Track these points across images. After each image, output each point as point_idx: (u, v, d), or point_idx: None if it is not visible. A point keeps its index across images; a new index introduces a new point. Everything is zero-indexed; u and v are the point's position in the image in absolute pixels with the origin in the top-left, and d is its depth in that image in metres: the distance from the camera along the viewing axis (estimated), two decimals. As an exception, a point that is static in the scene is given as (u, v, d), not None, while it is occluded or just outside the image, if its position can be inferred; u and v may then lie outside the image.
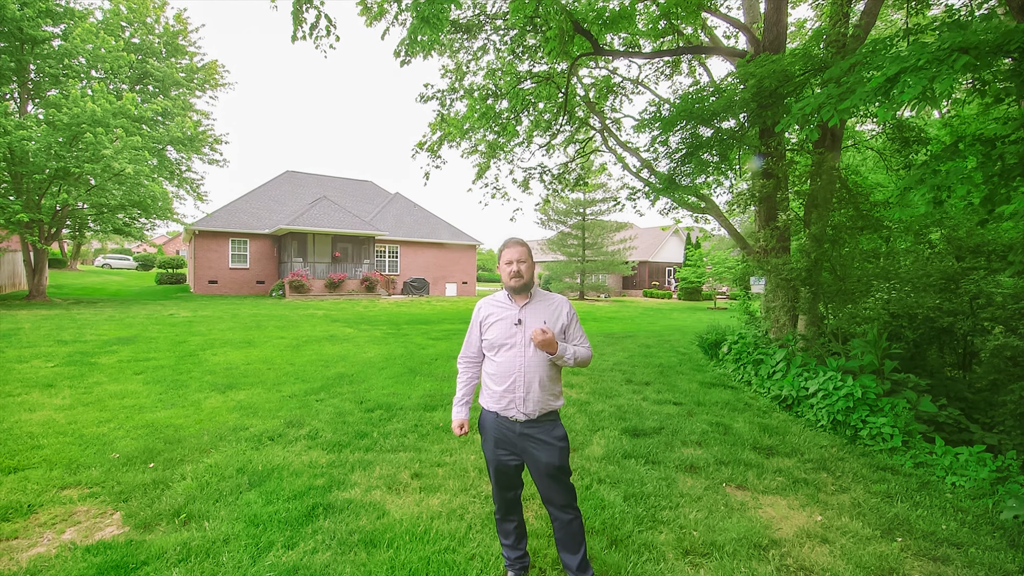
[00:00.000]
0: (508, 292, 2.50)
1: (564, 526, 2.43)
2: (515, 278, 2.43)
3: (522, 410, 2.37)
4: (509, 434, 2.41)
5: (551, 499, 2.42)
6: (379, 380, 7.14)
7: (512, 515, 2.54)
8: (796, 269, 5.88)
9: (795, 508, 3.44)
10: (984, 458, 4.17)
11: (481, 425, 2.54)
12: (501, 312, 2.48)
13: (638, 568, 2.62)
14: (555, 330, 2.42)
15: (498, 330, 2.44)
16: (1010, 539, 3.16)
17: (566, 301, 2.55)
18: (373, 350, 9.76)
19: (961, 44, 3.10)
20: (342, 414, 5.44)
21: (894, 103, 3.28)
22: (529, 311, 2.45)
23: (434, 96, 11.76)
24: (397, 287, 27.30)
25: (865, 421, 5.04)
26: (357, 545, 2.83)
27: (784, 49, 7.40)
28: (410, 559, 2.67)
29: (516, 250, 2.45)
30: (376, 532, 2.96)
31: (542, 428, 2.40)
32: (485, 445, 2.51)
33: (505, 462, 2.43)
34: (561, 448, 2.40)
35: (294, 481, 3.68)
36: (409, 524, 3.05)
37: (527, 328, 2.42)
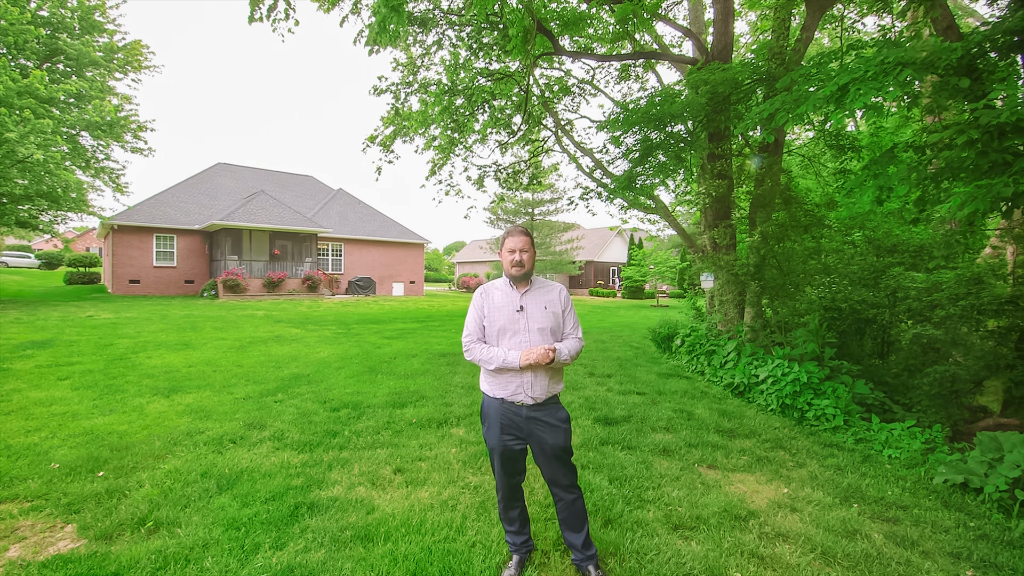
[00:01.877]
0: (509, 280, 2.53)
1: (568, 506, 2.48)
2: (516, 267, 2.46)
3: (530, 394, 2.40)
4: (516, 418, 2.43)
5: (557, 480, 2.47)
6: (338, 380, 6.90)
7: (516, 502, 2.56)
8: (746, 265, 6.30)
9: (763, 483, 3.70)
10: (914, 432, 4.68)
11: (484, 415, 2.54)
12: (502, 299, 2.50)
13: (635, 544, 2.72)
14: (552, 318, 2.46)
15: (501, 317, 2.46)
16: (943, 500, 3.57)
17: (563, 289, 2.61)
18: (326, 350, 9.39)
19: (903, 59, 3.46)
20: (306, 414, 5.21)
21: (846, 109, 3.62)
22: (530, 298, 2.49)
23: (388, 89, 11.49)
24: (341, 287, 26.36)
25: (810, 404, 5.49)
26: (352, 541, 2.74)
27: (730, 59, 7.91)
28: (411, 550, 2.62)
29: (519, 239, 2.48)
30: (369, 527, 2.88)
31: (547, 411, 2.44)
32: (488, 433, 2.51)
33: (511, 447, 2.45)
34: (566, 429, 2.45)
35: (268, 482, 3.49)
36: (402, 517, 2.99)
37: (529, 315, 2.46)
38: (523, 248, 2.47)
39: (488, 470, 3.76)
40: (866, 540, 2.89)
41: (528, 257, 2.48)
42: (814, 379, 5.61)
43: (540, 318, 2.45)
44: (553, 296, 2.52)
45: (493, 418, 2.48)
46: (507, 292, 2.52)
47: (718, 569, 2.53)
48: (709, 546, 2.74)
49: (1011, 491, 3.53)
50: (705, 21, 10.46)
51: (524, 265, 2.47)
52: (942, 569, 2.64)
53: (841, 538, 2.90)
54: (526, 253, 2.47)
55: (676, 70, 11.74)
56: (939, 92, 3.98)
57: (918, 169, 4.01)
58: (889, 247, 8.16)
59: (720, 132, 7.27)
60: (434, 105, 9.69)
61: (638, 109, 6.43)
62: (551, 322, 2.46)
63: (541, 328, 2.44)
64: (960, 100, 4.04)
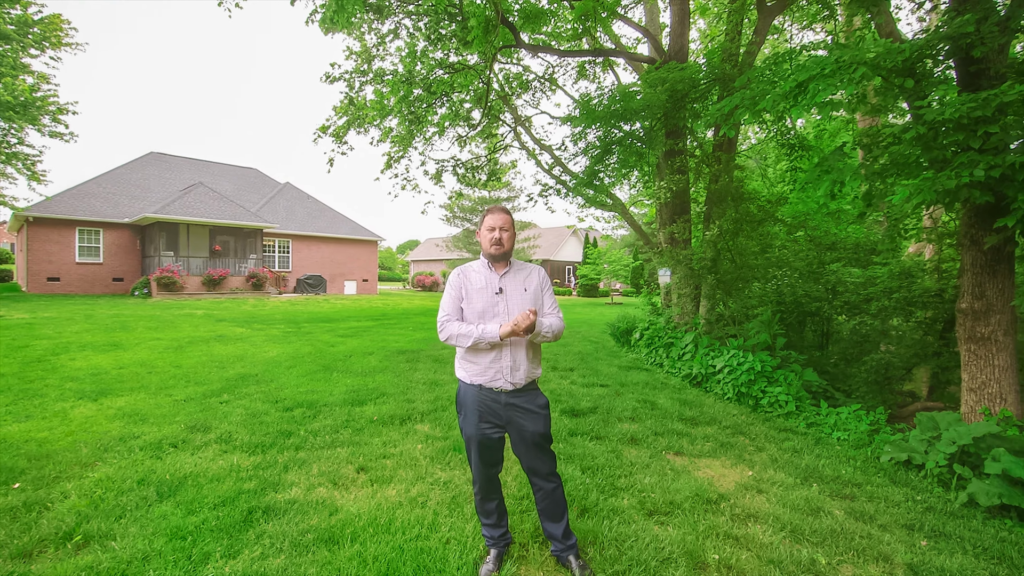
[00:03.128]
0: (488, 260, 2.43)
1: (548, 495, 2.41)
2: (495, 245, 2.36)
3: (510, 380, 2.31)
4: (494, 405, 2.33)
5: (536, 468, 2.39)
6: (290, 379, 6.53)
7: (494, 494, 2.45)
8: (703, 259, 6.48)
9: (728, 467, 3.78)
10: (860, 415, 4.95)
11: (460, 403, 2.42)
12: (481, 281, 2.40)
13: (613, 531, 2.68)
14: (532, 299, 2.38)
15: (480, 299, 2.36)
16: (890, 477, 3.78)
17: (542, 269, 2.54)
18: (274, 349, 8.90)
19: (857, 58, 3.63)
20: (256, 415, 4.87)
21: (806, 105, 3.76)
22: (509, 280, 2.40)
23: (341, 77, 11.04)
24: (289, 285, 25.21)
25: (764, 391, 5.71)
26: (315, 544, 2.54)
27: (687, 59, 8.12)
28: (381, 551, 2.46)
29: (499, 216, 2.39)
30: (333, 529, 2.68)
31: (526, 397, 2.36)
32: (465, 422, 2.39)
33: (489, 435, 2.35)
34: (545, 416, 2.38)
35: (217, 487, 3.20)
36: (369, 517, 2.81)
37: (509, 297, 2.36)
38: (503, 226, 2.37)
39: (457, 465, 3.62)
40: (829, 517, 2.99)
41: (508, 236, 2.39)
42: (767, 368, 5.83)
43: (520, 300, 2.36)
44: (532, 277, 2.44)
45: (470, 406, 2.37)
46: (485, 274, 2.41)
47: (696, 552, 2.53)
48: (685, 530, 2.74)
49: (949, 466, 3.78)
50: (660, 24, 10.73)
51: (504, 244, 2.37)
52: (900, 540, 2.77)
53: (807, 516, 2.99)
54: (506, 232, 2.37)
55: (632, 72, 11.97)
56: (885, 93, 4.22)
57: (866, 164, 4.23)
58: (829, 244, 8.66)
59: (678, 129, 7.45)
60: (391, 94, 9.38)
61: (601, 104, 6.47)
62: (531, 304, 2.37)
63: (521, 311, 2.34)
64: (902, 100, 4.30)
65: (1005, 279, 4.22)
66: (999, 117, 3.20)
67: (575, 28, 10.54)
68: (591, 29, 9.52)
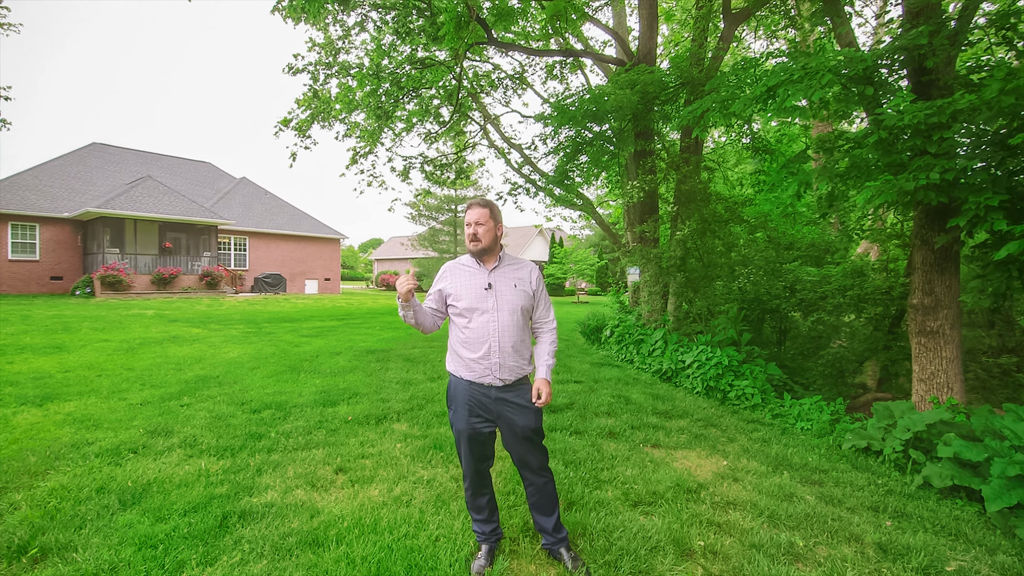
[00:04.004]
0: (475, 256, 2.40)
1: (539, 489, 2.40)
2: (472, 241, 2.34)
3: (499, 376, 2.29)
4: (484, 400, 2.31)
5: (527, 463, 2.37)
6: (255, 380, 6.27)
7: (485, 489, 2.43)
8: (673, 257, 6.65)
9: (703, 458, 3.89)
10: (821, 406, 5.20)
11: (451, 397, 2.39)
12: (468, 277, 2.37)
13: (601, 523, 2.71)
14: (523, 297, 2.37)
15: (468, 295, 2.33)
16: (852, 463, 3.99)
17: (536, 267, 2.52)
18: (235, 350, 8.53)
19: (824, 65, 3.81)
20: (221, 417, 4.65)
21: (776, 109, 3.91)
22: (499, 275, 2.37)
23: (305, 69, 10.69)
24: (246, 284, 24.22)
25: (732, 385, 5.91)
26: (298, 547, 2.44)
27: (655, 62, 8.32)
28: (369, 551, 2.39)
29: (476, 211, 2.34)
30: (317, 531, 2.59)
31: (517, 392, 2.34)
32: (455, 417, 2.36)
33: (479, 430, 2.32)
34: (536, 410, 2.37)
35: (186, 493, 3.03)
36: (353, 518, 2.73)
37: (498, 292, 2.34)
38: (479, 221, 2.32)
39: (439, 463, 3.58)
40: (802, 502, 3.13)
41: (485, 231, 2.32)
42: (734, 362, 6.04)
43: (510, 297, 2.34)
44: (524, 274, 2.42)
45: (460, 400, 2.34)
46: (474, 269, 2.38)
47: (683, 539, 2.59)
48: (670, 519, 2.80)
49: (905, 451, 4.02)
50: (627, 27, 10.94)
51: (480, 240, 2.32)
52: (867, 521, 2.92)
53: (781, 501, 3.11)
54: (482, 226, 2.31)
55: (600, 74, 12.15)
56: (845, 99, 4.45)
57: (828, 167, 4.45)
58: (786, 244, 9.07)
59: (648, 131, 7.62)
60: (359, 87, 9.16)
61: (575, 104, 6.53)
62: (522, 301, 2.35)
63: (512, 308, 2.32)
64: (860, 107, 4.54)
65: (952, 277, 4.53)
66: (952, 123, 3.43)
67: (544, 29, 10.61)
68: (561, 30, 9.61)
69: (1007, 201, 3.23)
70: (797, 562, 2.45)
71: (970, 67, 4.54)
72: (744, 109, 4.42)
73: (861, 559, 2.50)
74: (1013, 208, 3.29)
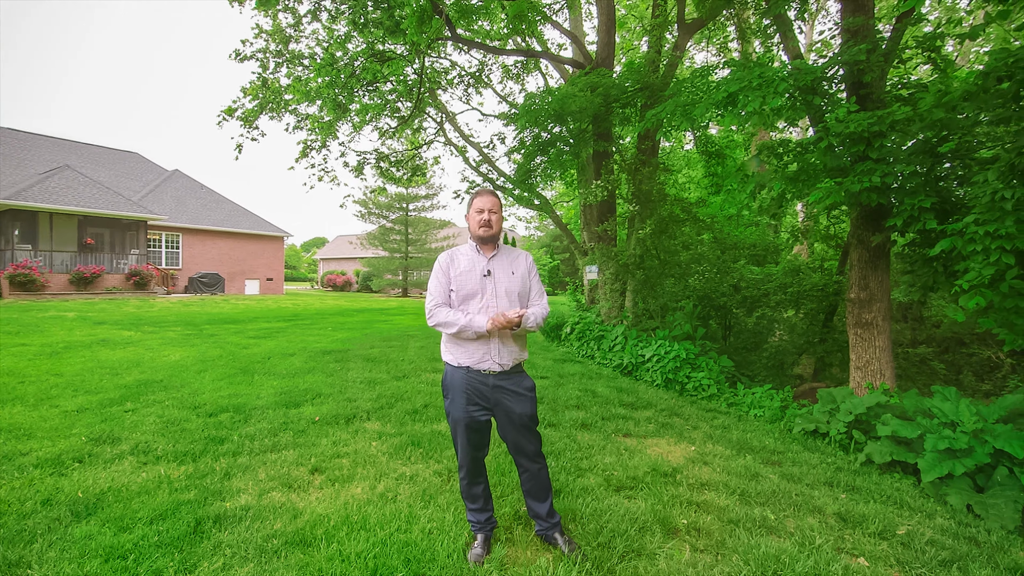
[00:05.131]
0: (476, 243, 2.44)
1: (534, 476, 2.44)
2: (484, 227, 2.38)
3: (497, 361, 2.33)
4: (482, 387, 2.33)
5: (523, 450, 2.41)
6: (204, 383, 5.91)
7: (480, 478, 2.44)
8: (633, 255, 6.89)
9: (672, 444, 4.08)
10: (772, 394, 5.57)
11: (447, 386, 2.39)
12: (468, 263, 2.41)
13: (589, 507, 2.79)
14: (520, 282, 2.43)
15: (468, 282, 2.37)
16: (803, 444, 4.32)
17: (528, 254, 2.59)
18: (176, 353, 7.99)
19: (778, 75, 4.10)
20: (174, 422, 4.36)
21: (736, 114, 4.17)
22: (497, 263, 2.43)
23: (254, 56, 10.18)
24: (179, 284, 22.64)
25: (689, 377, 6.21)
26: (285, 548, 2.35)
27: (613, 66, 8.59)
28: (363, 547, 2.33)
29: (488, 199, 2.41)
30: (303, 531, 2.50)
31: (513, 380, 2.38)
32: (452, 405, 2.36)
33: (477, 418, 2.34)
34: (532, 398, 2.42)
35: (148, 501, 2.83)
36: (339, 517, 2.65)
37: (496, 279, 2.39)
38: (492, 208, 2.39)
39: (419, 459, 3.53)
40: (767, 480, 3.36)
41: (497, 219, 2.41)
42: (691, 355, 6.35)
43: (508, 283, 2.39)
44: (520, 262, 2.48)
45: (458, 389, 2.35)
46: (473, 257, 2.43)
47: (667, 519, 2.71)
48: (652, 501, 2.92)
49: (848, 432, 4.39)
50: (583, 31, 11.22)
51: (492, 226, 2.39)
52: (825, 495, 3.18)
53: (749, 481, 3.32)
54: (495, 214, 2.40)
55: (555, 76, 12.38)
56: (793, 108, 4.80)
57: (779, 170, 4.79)
58: (731, 244, 9.63)
59: (607, 132, 7.85)
60: (318, 76, 8.83)
61: (539, 104, 6.63)
62: (518, 287, 2.41)
63: (508, 293, 2.38)
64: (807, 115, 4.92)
65: (884, 273, 5.00)
66: (889, 132, 3.80)
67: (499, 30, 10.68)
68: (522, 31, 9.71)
69: (936, 203, 3.62)
70: (771, 534, 2.63)
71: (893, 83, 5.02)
72: (704, 113, 4.67)
73: (826, 528, 2.73)
74: (941, 209, 3.70)
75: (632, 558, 2.36)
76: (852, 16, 4.77)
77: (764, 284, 8.65)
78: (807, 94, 4.71)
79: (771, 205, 5.01)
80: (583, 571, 2.23)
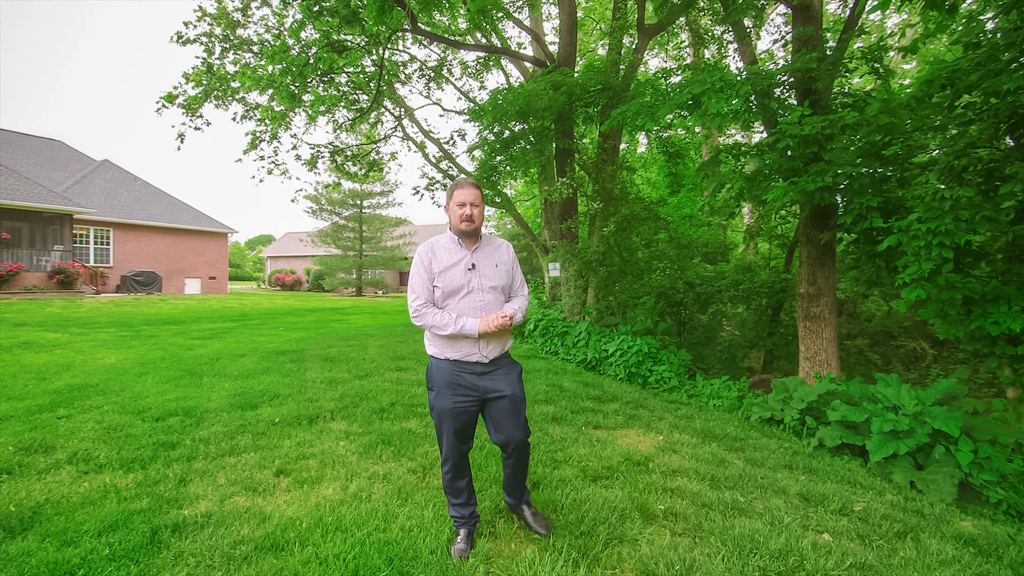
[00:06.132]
0: (457, 236, 2.38)
1: (520, 460, 2.45)
2: (466, 221, 2.34)
3: (485, 353, 2.31)
4: (470, 377, 2.31)
5: (514, 436, 2.36)
6: (147, 386, 5.51)
7: (465, 471, 2.41)
8: (597, 252, 7.01)
9: (641, 435, 4.17)
10: (729, 385, 5.81)
11: (432, 379, 2.35)
12: (451, 257, 2.35)
13: (568, 498, 2.79)
14: (504, 275, 2.40)
15: (452, 277, 2.32)
16: (761, 431, 4.54)
17: (510, 245, 2.56)
18: (112, 355, 7.41)
19: (739, 78, 4.28)
20: (116, 428, 4.03)
21: (701, 115, 4.32)
22: (480, 256, 2.40)
23: (198, 39, 9.59)
24: (110, 283, 21.01)
25: (651, 370, 6.38)
26: (256, 554, 2.21)
27: (574, 66, 8.70)
28: (341, 548, 2.23)
29: (470, 191, 2.35)
30: (273, 535, 2.36)
31: (501, 367, 2.38)
32: (438, 399, 2.31)
33: (464, 408, 2.31)
34: (520, 384, 2.43)
35: (94, 512, 2.59)
36: (312, 519, 2.52)
37: (481, 273, 2.36)
38: (474, 202, 2.33)
39: (390, 458, 3.43)
40: (733, 465, 3.49)
41: (479, 212, 2.37)
42: (652, 349, 6.53)
43: (492, 276, 2.37)
44: (502, 253, 2.46)
45: (443, 381, 2.31)
46: (455, 250, 2.37)
47: (645, 505, 2.76)
48: (629, 489, 2.97)
49: (801, 419, 4.65)
50: (543, 31, 11.30)
51: (474, 221, 2.34)
52: (787, 477, 3.35)
53: (716, 467, 3.44)
54: (476, 208, 2.35)
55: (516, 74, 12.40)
56: (750, 112, 5.03)
57: (738, 169, 5.00)
58: (685, 244, 9.99)
59: (569, 130, 7.94)
60: (271, 62, 8.41)
61: (509, 99, 6.61)
62: (503, 280, 2.39)
63: (493, 287, 2.36)
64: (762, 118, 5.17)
65: (830, 269, 5.33)
66: (839, 135, 4.05)
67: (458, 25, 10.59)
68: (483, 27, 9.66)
69: (882, 202, 3.90)
70: (743, 516, 2.74)
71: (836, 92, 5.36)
72: (668, 114, 4.81)
73: (792, 508, 2.87)
74: (886, 208, 3.98)
75: (615, 545, 2.39)
76: (803, 26, 5.05)
77: (717, 281, 9.03)
78: (763, 98, 4.95)
79: (730, 204, 5.22)
80: (569, 560, 2.23)
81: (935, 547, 2.49)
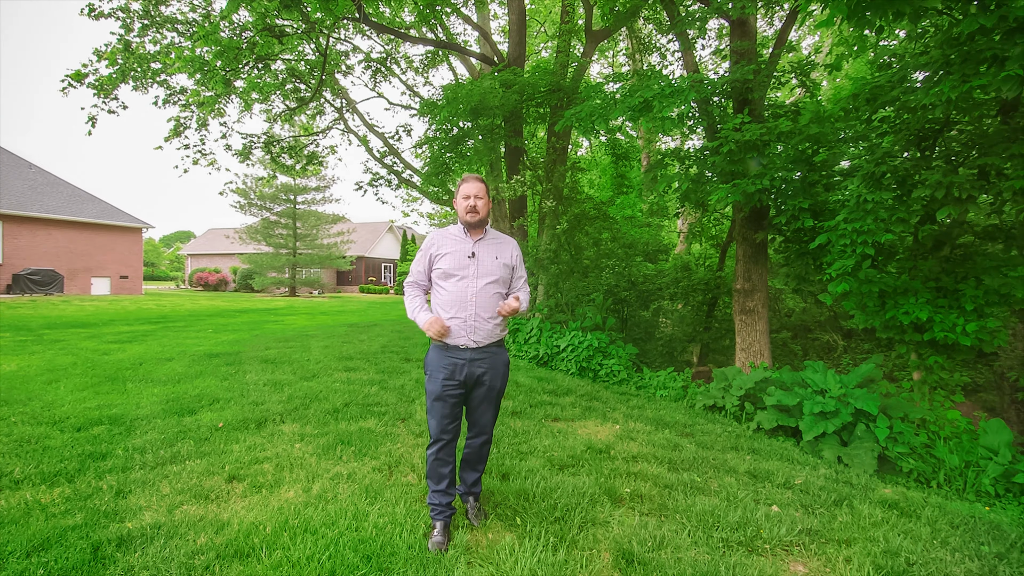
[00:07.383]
0: (463, 227, 2.49)
1: (477, 450, 2.55)
2: (471, 213, 2.44)
3: (472, 338, 2.39)
4: (458, 362, 2.36)
5: (484, 424, 2.50)
6: (60, 395, 4.97)
7: (450, 457, 2.45)
8: (548, 250, 7.14)
9: (599, 425, 4.31)
10: (674, 376, 6.13)
11: (428, 363, 2.46)
12: (454, 244, 2.46)
13: (538, 487, 2.84)
14: (501, 269, 2.47)
15: (451, 261, 2.42)
16: (706, 417, 4.83)
17: (517, 244, 2.65)
18: (10, 362, 6.62)
19: (686, 85, 4.53)
20: (30, 440, 3.61)
21: (651, 118, 4.53)
22: (483, 246, 2.48)
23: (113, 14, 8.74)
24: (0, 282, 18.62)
25: (601, 364, 6.60)
26: (217, 562, 2.06)
27: (523, 66, 8.81)
28: (313, 550, 2.13)
29: (475, 185, 2.46)
30: (235, 542, 2.21)
31: (489, 355, 2.44)
32: (431, 382, 2.40)
33: (452, 393, 2.38)
34: (505, 373, 2.51)
35: (19, 531, 2.31)
36: (276, 523, 2.39)
37: (480, 262, 2.44)
38: (478, 195, 2.43)
39: (352, 458, 3.32)
40: (686, 449, 3.70)
41: (483, 204, 2.45)
42: (602, 344, 6.75)
43: (490, 268, 2.44)
44: (506, 250, 2.53)
45: (436, 365, 2.39)
46: (460, 238, 2.47)
47: (612, 490, 2.87)
48: (595, 476, 3.07)
49: (741, 405, 5.00)
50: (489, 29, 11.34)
51: (479, 212, 2.44)
52: (735, 458, 3.59)
53: (672, 451, 3.63)
54: (481, 200, 2.44)
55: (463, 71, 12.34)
56: (695, 117, 5.34)
57: (685, 172, 5.29)
58: (628, 243, 10.41)
59: (520, 130, 8.03)
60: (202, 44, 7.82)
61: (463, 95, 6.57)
62: (500, 273, 2.47)
63: (490, 278, 2.43)
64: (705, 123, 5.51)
65: (764, 266, 5.77)
66: (775, 143, 4.40)
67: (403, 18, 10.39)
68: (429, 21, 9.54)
69: (812, 204, 4.29)
70: (701, 494, 2.91)
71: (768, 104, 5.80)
72: (618, 116, 5.00)
73: (743, 484, 3.09)
74: (814, 210, 4.39)
75: (589, 527, 2.46)
76: (740, 40, 5.43)
77: (658, 279, 9.48)
78: (704, 104, 5.28)
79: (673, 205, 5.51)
80: (548, 545, 2.28)
81: (867, 512, 2.78)
